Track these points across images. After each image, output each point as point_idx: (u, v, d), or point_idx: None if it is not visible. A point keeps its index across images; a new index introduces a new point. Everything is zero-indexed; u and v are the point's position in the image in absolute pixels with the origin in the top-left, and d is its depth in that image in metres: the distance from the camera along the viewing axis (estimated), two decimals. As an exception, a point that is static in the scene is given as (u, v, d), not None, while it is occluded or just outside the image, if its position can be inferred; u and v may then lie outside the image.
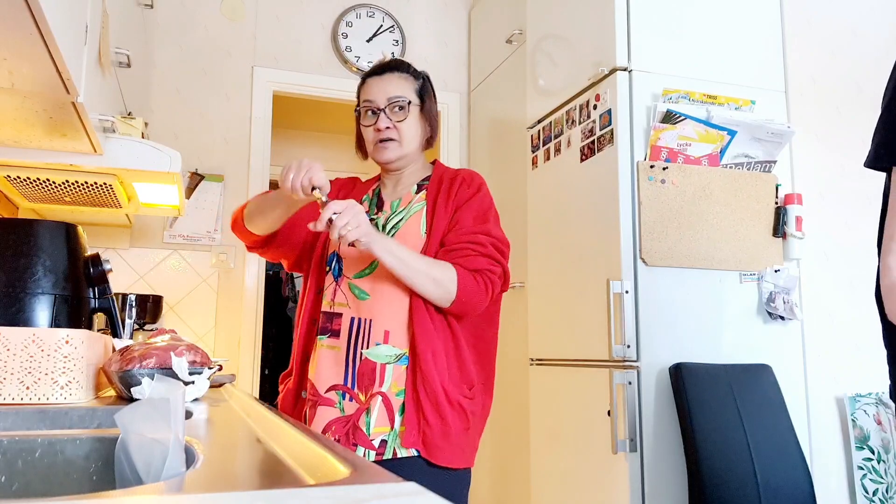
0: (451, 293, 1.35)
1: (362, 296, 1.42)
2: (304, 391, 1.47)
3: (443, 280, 1.35)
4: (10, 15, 0.92)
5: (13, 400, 1.07)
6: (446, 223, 1.43)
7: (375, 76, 1.50)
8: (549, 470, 2.48)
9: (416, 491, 0.44)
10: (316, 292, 1.50)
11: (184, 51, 3.26)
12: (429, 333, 1.37)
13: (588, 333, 2.29)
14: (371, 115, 1.48)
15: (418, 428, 1.34)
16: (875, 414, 2.30)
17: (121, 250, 3.02)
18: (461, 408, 1.37)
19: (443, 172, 1.52)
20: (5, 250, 1.25)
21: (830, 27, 2.56)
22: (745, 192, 2.27)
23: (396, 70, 1.50)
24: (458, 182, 1.47)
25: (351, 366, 1.40)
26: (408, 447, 1.33)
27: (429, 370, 1.35)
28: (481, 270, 1.38)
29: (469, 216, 1.43)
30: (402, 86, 1.48)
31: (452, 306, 1.37)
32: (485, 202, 1.46)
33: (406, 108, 1.46)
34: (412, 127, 1.48)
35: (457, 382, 1.39)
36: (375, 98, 1.47)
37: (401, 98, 1.46)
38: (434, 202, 1.46)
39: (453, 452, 1.35)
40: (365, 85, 1.51)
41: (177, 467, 0.57)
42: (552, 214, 2.58)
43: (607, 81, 2.29)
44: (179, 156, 1.89)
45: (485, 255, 1.39)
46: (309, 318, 1.49)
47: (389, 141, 1.46)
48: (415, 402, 1.35)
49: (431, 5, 3.70)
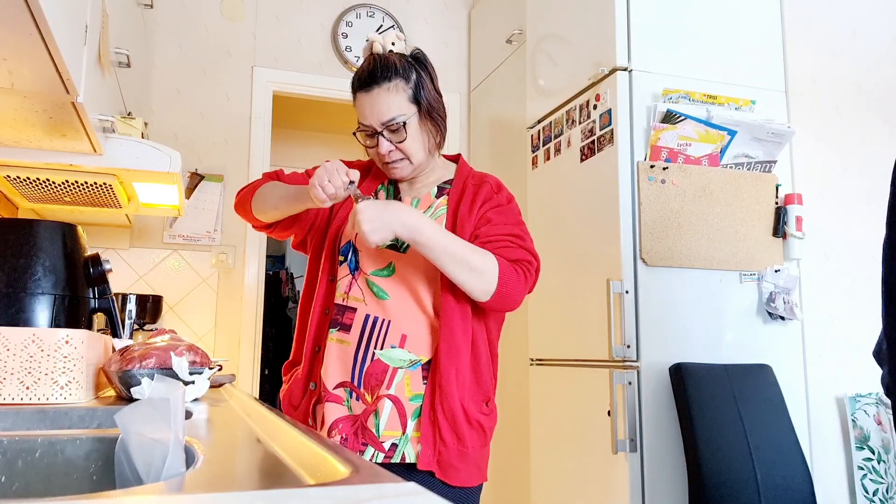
0: (491, 285, 1.28)
1: (381, 295, 1.36)
2: (312, 382, 1.41)
3: (484, 269, 1.28)
4: (10, 15, 0.92)
5: (13, 400, 1.07)
6: (471, 227, 1.36)
7: (363, 92, 1.35)
8: (549, 470, 2.48)
9: (416, 491, 0.44)
10: (328, 281, 1.42)
11: (184, 51, 3.26)
12: (455, 346, 1.31)
13: (588, 333, 2.29)
14: (370, 137, 1.38)
15: (434, 447, 1.30)
16: (875, 414, 2.30)
17: (121, 250, 3.02)
18: (479, 425, 1.34)
19: (467, 176, 1.45)
20: (5, 250, 1.25)
21: (830, 27, 2.56)
22: (745, 192, 2.27)
23: (383, 80, 1.33)
24: (486, 190, 1.41)
25: (360, 363, 1.35)
26: (423, 468, 1.29)
27: (450, 387, 1.30)
28: (520, 261, 1.33)
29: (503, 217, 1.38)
30: (392, 103, 1.33)
31: (492, 299, 1.29)
32: (516, 210, 1.42)
33: (403, 129, 1.34)
34: (415, 141, 1.37)
35: (475, 399, 1.35)
36: (369, 122, 1.36)
37: (394, 120, 1.33)
38: (456, 208, 1.39)
39: (469, 472, 1.32)
40: (357, 101, 1.38)
41: (177, 467, 0.57)
42: (552, 214, 2.58)
43: (607, 81, 2.29)
44: (179, 156, 1.89)
45: (522, 247, 1.35)
46: (322, 307, 1.41)
47: (397, 161, 1.39)
48: (431, 418, 1.31)
49: (431, 5, 3.71)
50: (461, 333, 1.33)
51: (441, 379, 1.31)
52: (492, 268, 1.29)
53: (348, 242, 1.42)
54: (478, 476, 1.34)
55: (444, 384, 1.30)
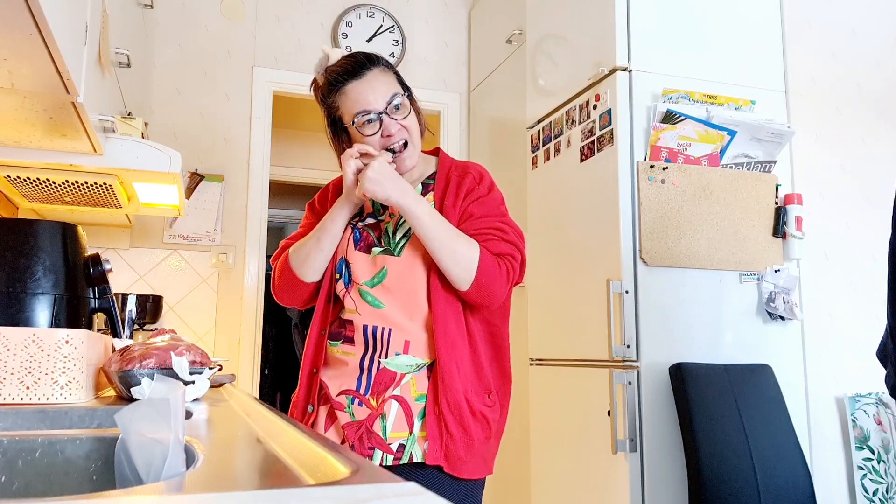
0: (471, 273, 1.28)
1: (376, 304, 1.36)
2: (310, 405, 1.41)
3: (465, 256, 1.28)
4: (10, 15, 0.92)
5: (13, 400, 1.07)
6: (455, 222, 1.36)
7: (355, 80, 1.34)
8: (549, 470, 2.48)
9: (417, 491, 0.44)
10: (326, 302, 1.43)
11: (184, 51, 3.26)
12: (451, 343, 1.32)
13: (588, 333, 2.29)
14: (370, 124, 1.34)
15: (441, 442, 1.30)
16: (875, 414, 2.30)
17: (121, 250, 3.02)
18: (483, 417, 1.34)
19: (449, 167, 1.44)
20: (5, 250, 1.25)
21: (830, 27, 2.56)
22: (745, 192, 2.27)
23: (373, 65, 1.36)
24: (468, 181, 1.40)
25: (366, 374, 1.35)
26: (431, 462, 1.29)
27: (452, 381, 1.30)
28: (503, 255, 1.33)
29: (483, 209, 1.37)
30: (388, 81, 1.36)
31: (471, 289, 1.30)
32: (498, 198, 1.42)
33: (405, 104, 1.36)
34: (414, 121, 1.39)
35: (477, 391, 1.35)
36: (370, 103, 1.33)
37: (395, 95, 1.35)
38: (441, 203, 1.39)
39: (476, 464, 1.32)
40: (343, 94, 1.35)
41: (177, 467, 0.57)
42: (552, 214, 2.58)
43: (607, 81, 2.29)
44: (179, 156, 1.89)
45: (507, 240, 1.34)
46: (318, 330, 1.42)
47: (404, 148, 1.37)
48: (437, 414, 1.31)
49: (431, 5, 3.71)
50: (455, 328, 1.33)
51: (443, 373, 1.31)
52: (473, 256, 1.29)
53: (341, 258, 1.42)
54: (484, 468, 1.34)
55: (446, 378, 1.31)
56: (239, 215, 3.22)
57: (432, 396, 1.32)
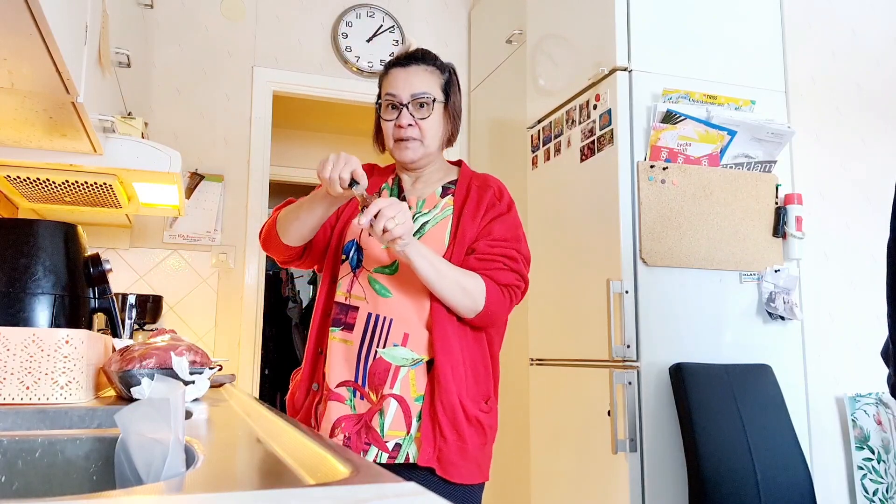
0: (478, 305, 1.33)
1: (383, 293, 1.36)
2: (315, 383, 1.42)
3: (473, 291, 1.32)
4: (10, 15, 0.92)
5: (13, 400, 1.07)
6: (473, 235, 1.38)
7: (399, 67, 1.41)
8: (549, 470, 2.48)
9: (416, 491, 0.44)
10: (330, 282, 1.43)
11: (184, 51, 3.26)
12: (448, 344, 1.33)
13: (588, 333, 2.29)
14: (392, 110, 1.40)
15: (434, 444, 1.30)
16: (875, 414, 2.30)
17: (121, 250, 3.02)
18: (479, 423, 1.34)
19: (471, 178, 1.46)
20: (5, 250, 1.25)
21: (830, 27, 2.56)
22: (745, 192, 2.27)
23: (422, 62, 1.42)
24: (489, 196, 1.42)
25: (363, 362, 1.35)
26: (423, 464, 1.29)
27: (447, 383, 1.31)
28: (510, 286, 1.36)
29: (503, 229, 1.39)
30: (427, 80, 1.41)
31: (477, 318, 1.34)
32: (517, 220, 1.44)
33: (430, 106, 1.39)
34: (435, 125, 1.41)
35: (474, 396, 1.35)
36: (399, 92, 1.39)
37: (425, 94, 1.39)
38: (461, 211, 1.40)
39: (469, 469, 1.32)
40: (388, 76, 1.43)
41: (177, 467, 0.57)
42: (552, 214, 2.58)
43: (607, 81, 2.29)
44: (179, 156, 1.89)
45: (514, 270, 1.37)
46: (323, 310, 1.43)
47: (411, 140, 1.39)
48: (431, 415, 1.31)
49: (431, 5, 3.71)
50: (454, 333, 1.35)
51: (439, 374, 1.32)
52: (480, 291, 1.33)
53: (352, 241, 1.42)
54: (478, 474, 1.34)
55: (441, 379, 1.31)
56: (239, 215, 3.22)
57: (429, 398, 1.33)
